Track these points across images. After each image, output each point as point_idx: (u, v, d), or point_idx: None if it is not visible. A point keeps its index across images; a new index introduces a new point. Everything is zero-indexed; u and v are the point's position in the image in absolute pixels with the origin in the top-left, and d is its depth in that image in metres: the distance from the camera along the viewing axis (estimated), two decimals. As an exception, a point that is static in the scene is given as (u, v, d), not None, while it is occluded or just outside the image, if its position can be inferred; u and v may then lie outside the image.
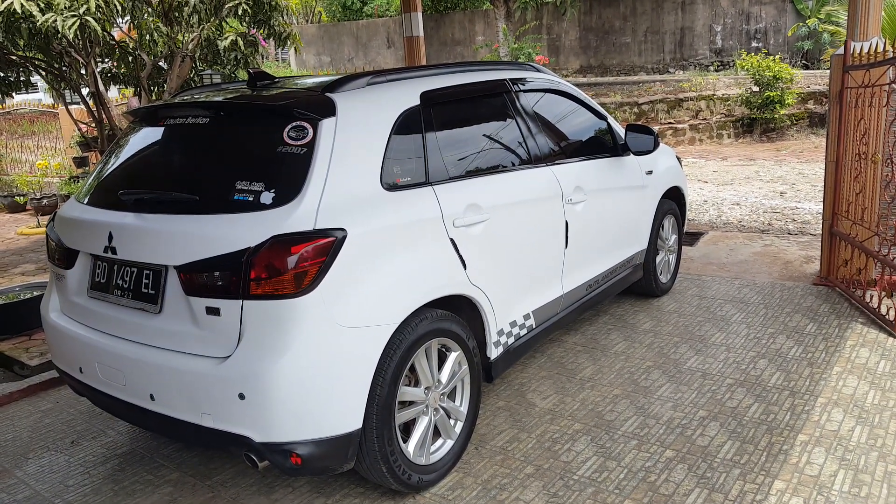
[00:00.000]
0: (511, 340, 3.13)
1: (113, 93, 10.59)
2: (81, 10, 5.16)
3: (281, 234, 2.18)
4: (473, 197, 2.83)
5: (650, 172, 4.33)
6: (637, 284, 4.54)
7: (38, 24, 5.22)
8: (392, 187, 2.53)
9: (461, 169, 2.87)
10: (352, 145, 2.44)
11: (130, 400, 2.48)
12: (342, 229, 2.27)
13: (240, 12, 6.35)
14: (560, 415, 3.20)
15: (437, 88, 2.89)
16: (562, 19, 18.02)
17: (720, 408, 3.17)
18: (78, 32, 5.41)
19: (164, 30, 6.08)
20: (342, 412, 2.28)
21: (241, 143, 2.50)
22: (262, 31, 7.71)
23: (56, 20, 5.19)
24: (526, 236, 3.15)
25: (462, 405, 2.83)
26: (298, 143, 2.36)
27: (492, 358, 3.00)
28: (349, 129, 2.46)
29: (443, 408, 2.72)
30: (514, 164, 3.19)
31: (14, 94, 7.56)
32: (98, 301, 2.63)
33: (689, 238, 6.14)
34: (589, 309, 3.96)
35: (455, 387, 2.81)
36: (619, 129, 4.14)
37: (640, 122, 12.79)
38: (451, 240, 2.68)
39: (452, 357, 2.75)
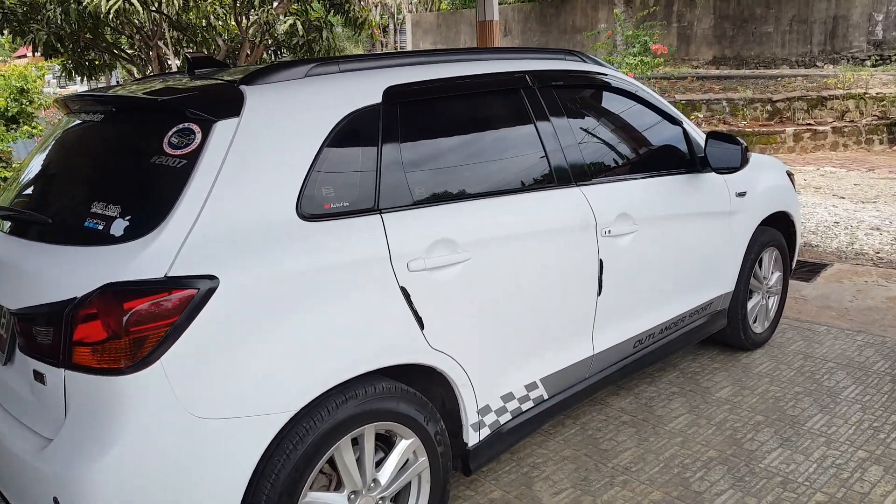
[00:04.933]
0: (505, 418, 2.35)
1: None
2: (123, -9, 4.91)
3: (115, 281, 1.56)
4: (447, 229, 2.07)
5: (742, 194, 3.33)
6: (721, 333, 3.56)
7: (83, 4, 5.07)
8: (315, 216, 1.84)
9: (435, 191, 2.12)
10: (256, 157, 1.78)
11: None
12: (212, 277, 1.61)
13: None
14: (567, 523, 2.38)
15: (413, 83, 2.15)
16: (694, 5, 16.40)
17: (799, 545, 2.22)
18: (142, 11, 5.22)
19: (220, 12, 5.75)
20: (197, 536, 1.64)
21: (117, 150, 1.92)
22: (337, 16, 7.33)
23: (100, 1, 4.99)
24: (532, 281, 2.34)
25: (416, 511, 2.11)
26: (179, 152, 1.73)
27: (470, 444, 2.24)
28: (256, 134, 1.80)
29: (380, 517, 2.01)
30: (521, 185, 2.39)
31: (96, 76, 7.64)
32: None
33: (806, 271, 4.95)
34: (642, 369, 3.08)
35: (409, 484, 2.10)
36: (700, 139, 3.18)
37: (771, 123, 11.20)
38: (403, 289, 1.95)
39: (401, 447, 2.02)
